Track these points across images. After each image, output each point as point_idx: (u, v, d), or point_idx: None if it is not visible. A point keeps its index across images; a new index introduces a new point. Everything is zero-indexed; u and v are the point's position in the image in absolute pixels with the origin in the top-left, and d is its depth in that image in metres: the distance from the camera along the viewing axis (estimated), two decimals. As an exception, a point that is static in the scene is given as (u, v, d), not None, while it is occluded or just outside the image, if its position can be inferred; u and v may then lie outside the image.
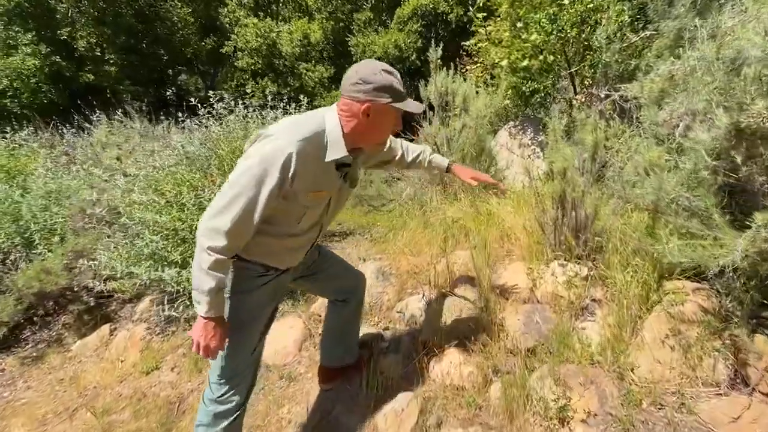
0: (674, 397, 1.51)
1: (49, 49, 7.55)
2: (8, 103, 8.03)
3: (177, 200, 2.63)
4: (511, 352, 1.86)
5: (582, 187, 2.02)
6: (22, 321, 3.29)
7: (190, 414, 2.07)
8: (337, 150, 1.18)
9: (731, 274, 1.64)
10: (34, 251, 3.24)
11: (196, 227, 2.37)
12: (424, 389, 1.80)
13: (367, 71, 1.14)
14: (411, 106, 1.19)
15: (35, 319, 3.20)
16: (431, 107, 3.81)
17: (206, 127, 3.22)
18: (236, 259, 1.24)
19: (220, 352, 1.26)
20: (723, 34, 2.02)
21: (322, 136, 1.16)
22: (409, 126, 4.22)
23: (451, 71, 3.83)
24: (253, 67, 11.14)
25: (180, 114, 3.71)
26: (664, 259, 1.65)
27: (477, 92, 4.88)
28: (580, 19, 3.34)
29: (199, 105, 3.32)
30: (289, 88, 11.54)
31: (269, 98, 3.90)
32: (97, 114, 5.04)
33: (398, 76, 1.18)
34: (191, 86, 16.13)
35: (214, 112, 3.39)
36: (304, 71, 12.30)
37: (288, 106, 3.79)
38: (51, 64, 7.64)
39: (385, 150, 1.56)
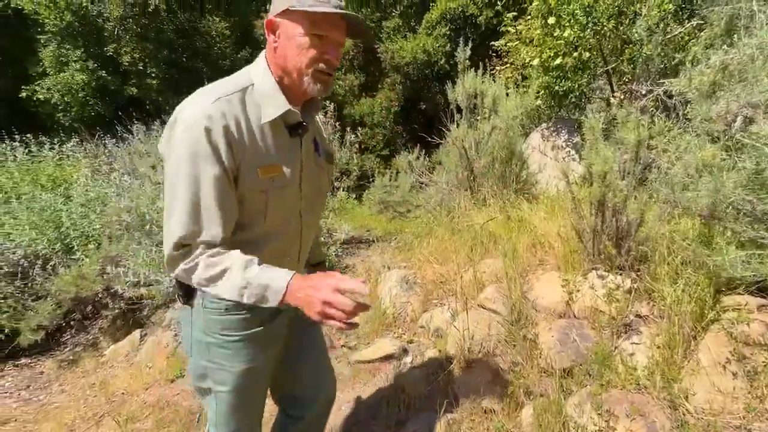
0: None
1: (96, 65, 8.05)
2: (60, 117, 8.60)
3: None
4: (545, 372, 1.70)
5: (624, 191, 1.84)
6: (62, 324, 3.42)
7: (209, 425, 2.04)
8: (274, 105, 0.88)
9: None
10: (72, 257, 3.37)
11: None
12: (449, 410, 1.67)
13: None
14: (315, 5, 0.82)
15: (72, 323, 3.32)
16: (459, 109, 3.68)
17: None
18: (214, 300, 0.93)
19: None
20: (788, 16, 1.80)
21: (248, 93, 0.88)
22: (436, 130, 4.10)
23: (480, 71, 3.69)
24: (285, 77, 11.42)
25: None
26: (723, 272, 1.45)
27: (507, 93, 4.71)
28: (617, 10, 3.11)
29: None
30: (320, 98, 11.72)
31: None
32: (137, 125, 5.26)
33: None
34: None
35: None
36: (334, 80, 12.47)
37: (314, 113, 3.79)
38: (98, 79, 8.14)
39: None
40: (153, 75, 9.28)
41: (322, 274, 0.82)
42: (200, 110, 0.81)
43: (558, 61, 3.96)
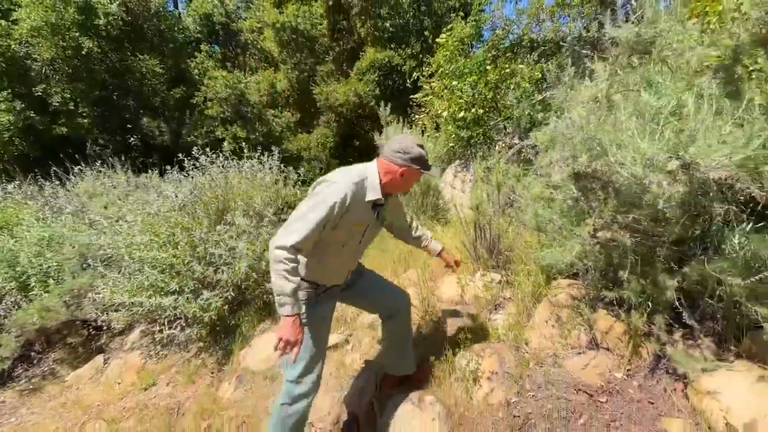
0: (551, 358, 2.14)
1: (23, 105, 7.90)
2: (-25, 156, 8.20)
3: (170, 240, 3.13)
4: (443, 340, 2.46)
5: (490, 216, 2.73)
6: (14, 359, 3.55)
7: (189, 415, 2.50)
8: (374, 193, 1.61)
9: (591, 271, 2.36)
10: (31, 293, 3.57)
11: (188, 262, 2.88)
12: (378, 371, 2.36)
13: (407, 144, 1.63)
14: (432, 171, 1.72)
15: (32, 354, 3.49)
16: (384, 154, 4.54)
17: (192, 177, 3.77)
18: (306, 282, 1.68)
19: (302, 353, 1.65)
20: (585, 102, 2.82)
21: (365, 182, 1.60)
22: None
23: (400, 125, 4.61)
24: (222, 115, 11.78)
25: (146, 158, 4.23)
26: (539, 264, 2.35)
27: (427, 137, 5.70)
28: (495, 85, 4.23)
29: (185, 159, 3.87)
30: (257, 134, 12.22)
31: (244, 147, 4.54)
32: (81, 166, 5.45)
33: (425, 149, 1.69)
34: (155, 131, 16.47)
35: (197, 164, 3.95)
36: (272, 117, 13.08)
37: (262, 156, 4.41)
38: (25, 119, 7.96)
39: (402, 215, 2.07)
40: (84, 114, 9.22)
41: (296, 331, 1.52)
42: (341, 187, 1.52)
43: (461, 114, 5.03)
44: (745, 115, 1.53)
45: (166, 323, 2.95)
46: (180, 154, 3.85)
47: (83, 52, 8.67)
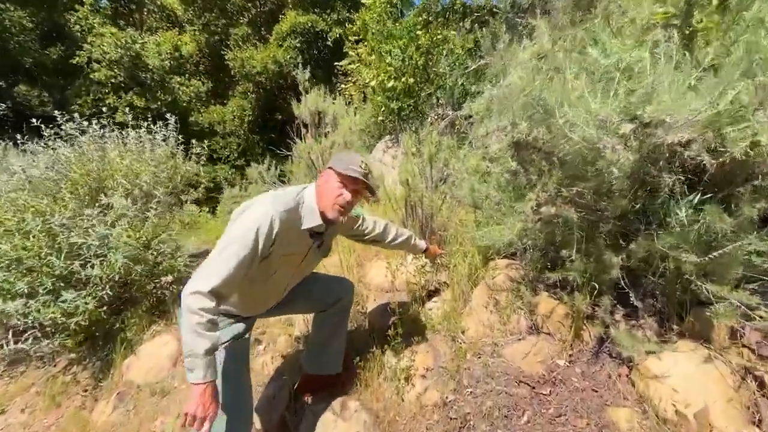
0: (490, 347, 1.94)
1: None
2: None
3: (19, 228, 2.39)
4: (371, 335, 2.16)
5: (422, 192, 2.44)
6: None
7: (49, 452, 1.93)
8: (312, 219, 1.39)
9: (531, 251, 2.18)
10: None
11: (45, 255, 2.23)
12: (293, 377, 1.99)
13: (347, 157, 1.42)
14: (348, 170, 1.38)
15: None
16: (305, 125, 4.04)
17: (53, 149, 2.96)
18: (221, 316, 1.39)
19: (223, 399, 1.26)
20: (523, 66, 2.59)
21: (301, 206, 1.38)
22: (285, 144, 4.38)
23: (323, 92, 4.12)
24: (113, 81, 10.08)
25: (19, 135, 3.31)
26: (476, 244, 2.12)
27: (355, 108, 5.26)
28: (426, 50, 3.92)
29: (42, 125, 3.02)
30: (159, 103, 10.70)
31: (132, 115, 3.73)
32: None
33: (366, 167, 1.43)
34: (34, 100, 13.87)
35: (62, 133, 3.12)
36: (177, 85, 11.56)
37: (153, 125, 3.65)
38: None
39: (356, 225, 1.79)
40: None
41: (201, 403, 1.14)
42: (266, 215, 1.25)
43: (391, 83, 4.67)
44: (705, 72, 1.36)
45: (11, 334, 2.26)
46: (34, 120, 2.97)
47: None
